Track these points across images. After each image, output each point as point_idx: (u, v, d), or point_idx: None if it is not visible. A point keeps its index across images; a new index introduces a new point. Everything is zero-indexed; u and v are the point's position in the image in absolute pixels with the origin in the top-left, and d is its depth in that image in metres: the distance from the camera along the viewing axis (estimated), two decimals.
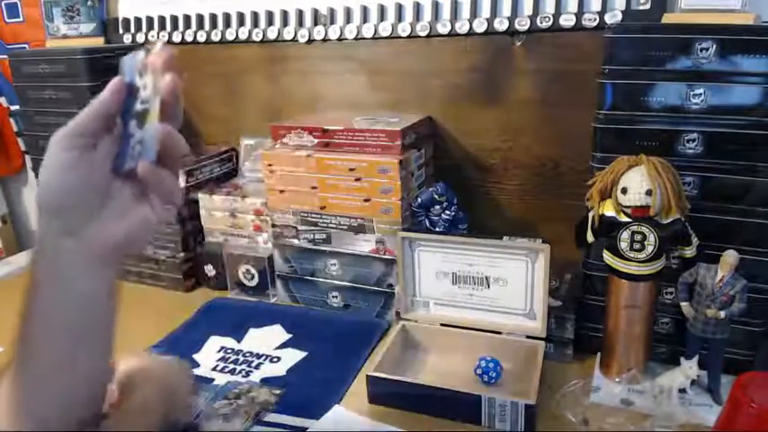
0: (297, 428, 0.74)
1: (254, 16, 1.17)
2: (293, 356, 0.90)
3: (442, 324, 0.90)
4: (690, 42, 0.72)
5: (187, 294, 1.15)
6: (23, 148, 1.52)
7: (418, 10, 1.04)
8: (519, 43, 0.99)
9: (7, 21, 1.41)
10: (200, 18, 1.22)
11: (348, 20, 1.09)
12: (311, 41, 1.14)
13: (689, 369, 0.74)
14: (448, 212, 0.85)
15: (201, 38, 1.22)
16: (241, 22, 1.18)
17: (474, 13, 1.00)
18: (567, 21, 0.94)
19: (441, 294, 0.90)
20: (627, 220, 0.73)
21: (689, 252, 0.76)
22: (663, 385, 0.75)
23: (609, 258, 0.77)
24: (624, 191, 0.72)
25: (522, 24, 0.97)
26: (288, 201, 1.01)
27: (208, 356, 0.91)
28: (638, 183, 0.71)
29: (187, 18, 1.23)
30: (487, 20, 0.99)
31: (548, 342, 0.84)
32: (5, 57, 1.32)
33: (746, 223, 0.75)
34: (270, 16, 1.16)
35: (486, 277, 0.86)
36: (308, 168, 0.97)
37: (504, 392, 0.76)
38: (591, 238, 0.79)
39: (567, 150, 1.01)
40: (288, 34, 1.14)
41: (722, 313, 0.71)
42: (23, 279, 0.46)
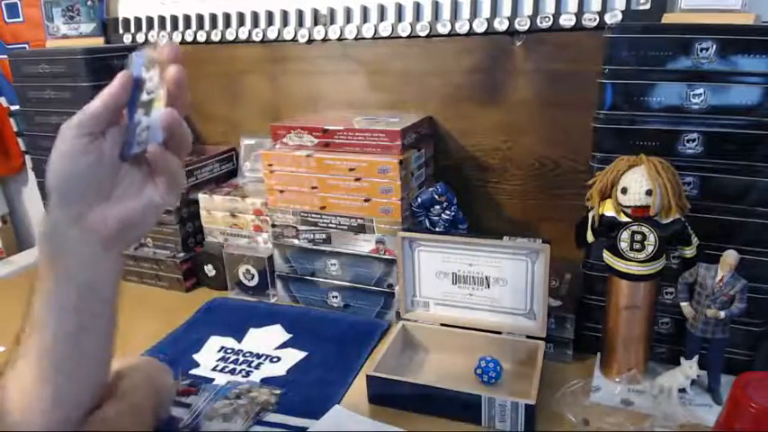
0: (297, 428, 0.74)
1: (254, 16, 1.17)
2: (293, 356, 0.90)
3: (442, 324, 0.90)
4: (690, 42, 0.72)
5: (187, 294, 1.15)
6: (23, 148, 1.52)
7: (418, 10, 1.04)
8: (519, 43, 0.99)
9: (7, 21, 1.41)
10: (200, 18, 1.22)
11: (348, 20, 1.09)
12: (311, 41, 1.14)
13: (689, 369, 0.74)
14: (448, 212, 0.85)
15: (201, 38, 1.22)
16: (241, 22, 1.18)
17: (474, 13, 1.00)
18: (567, 21, 0.94)
19: (441, 294, 0.90)
20: (627, 220, 0.73)
21: (689, 252, 0.76)
22: (663, 385, 0.75)
23: (609, 258, 0.77)
24: (624, 191, 0.72)
25: (522, 24, 0.97)
26: (288, 201, 1.01)
27: (208, 356, 0.91)
28: (638, 183, 0.71)
29: (187, 18, 1.23)
30: (487, 20, 0.99)
31: (548, 342, 0.84)
32: (5, 57, 1.32)
33: (746, 223, 0.75)
34: (270, 16, 1.16)
35: (486, 277, 0.86)
36: (308, 168, 0.97)
37: (504, 392, 0.76)
38: (591, 238, 0.79)
39: (567, 150, 1.01)
40: (288, 34, 1.14)
41: (722, 313, 0.71)
42: (24, 278, 0.47)
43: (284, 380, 0.85)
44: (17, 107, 1.38)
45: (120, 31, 1.29)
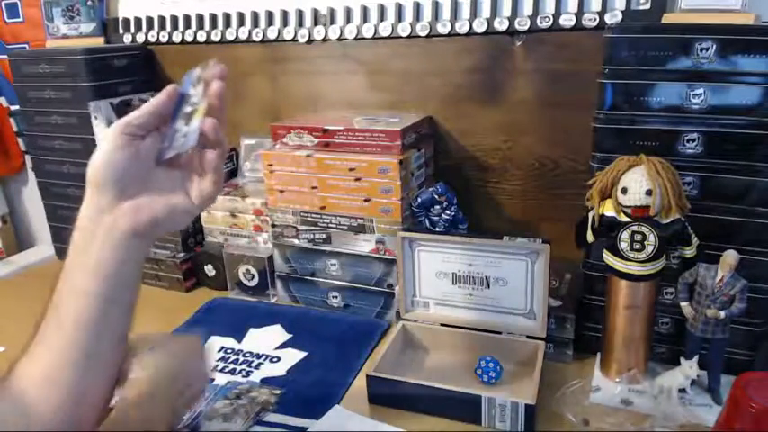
0: (297, 428, 0.74)
1: (254, 16, 1.17)
2: (293, 356, 0.90)
3: (442, 324, 0.90)
4: (690, 42, 0.72)
5: (187, 294, 1.15)
6: (23, 148, 1.52)
7: (418, 10, 1.04)
8: (519, 43, 0.99)
9: (7, 21, 1.41)
10: (200, 18, 1.22)
11: (348, 20, 1.09)
12: (311, 41, 1.14)
13: (689, 369, 0.74)
14: (448, 212, 0.85)
15: (201, 38, 1.22)
16: (241, 22, 1.18)
17: (474, 13, 1.00)
18: (567, 21, 0.94)
19: (441, 294, 0.90)
20: (627, 220, 0.73)
21: (689, 252, 0.76)
22: (663, 385, 0.75)
23: (609, 258, 0.77)
24: (624, 191, 0.72)
25: (522, 24, 0.97)
26: (288, 201, 1.01)
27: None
28: (638, 183, 0.71)
29: (187, 18, 1.23)
30: (487, 20, 0.99)
31: (548, 342, 0.84)
32: (5, 57, 1.32)
33: (746, 223, 0.75)
34: (270, 16, 1.16)
35: (486, 277, 0.86)
36: (308, 168, 0.97)
37: (504, 392, 0.76)
38: (591, 238, 0.79)
39: (567, 150, 1.01)
40: (288, 34, 1.14)
41: (722, 313, 0.71)
42: (24, 278, 0.47)
43: (284, 380, 0.85)
44: (17, 107, 1.38)
45: (120, 31, 1.29)
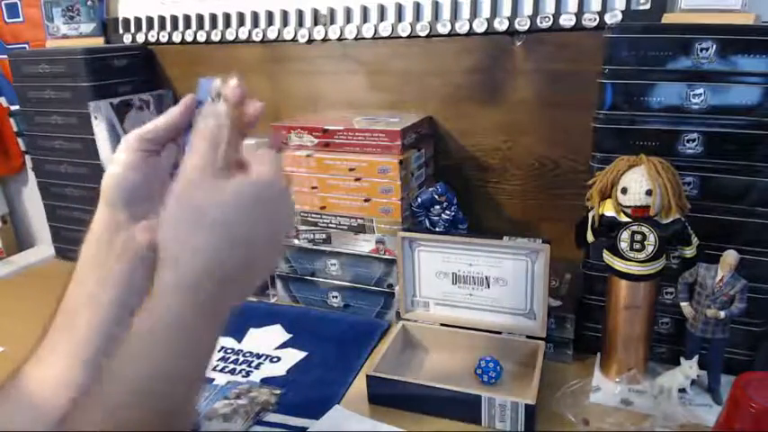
0: (297, 428, 0.74)
1: (254, 16, 1.17)
2: (293, 356, 0.90)
3: (442, 324, 0.90)
4: (690, 42, 0.72)
5: None
6: (23, 148, 1.52)
7: (418, 10, 1.04)
8: (519, 43, 0.99)
9: (7, 21, 1.41)
10: (200, 18, 1.22)
11: (348, 20, 1.09)
12: (311, 41, 1.14)
13: (689, 369, 0.74)
14: (448, 212, 0.85)
15: (201, 38, 1.22)
16: (241, 22, 1.18)
17: (474, 13, 1.00)
18: (567, 21, 0.94)
19: (441, 294, 0.90)
20: (627, 220, 0.73)
21: (689, 252, 0.76)
22: (663, 385, 0.75)
23: (609, 258, 0.77)
24: (624, 191, 0.72)
25: (522, 24, 0.97)
26: None
27: None
28: (638, 183, 0.71)
29: (187, 18, 1.23)
30: (487, 20, 0.99)
31: (548, 342, 0.84)
32: (5, 57, 1.32)
33: (746, 223, 0.75)
34: (270, 16, 1.16)
35: (486, 277, 0.86)
36: (308, 168, 0.97)
37: (504, 392, 0.76)
38: (591, 238, 0.79)
39: (567, 150, 1.01)
40: (288, 34, 1.14)
41: (722, 313, 0.71)
42: (24, 278, 0.47)
43: (284, 380, 0.85)
44: (17, 107, 1.38)
45: (120, 31, 1.29)
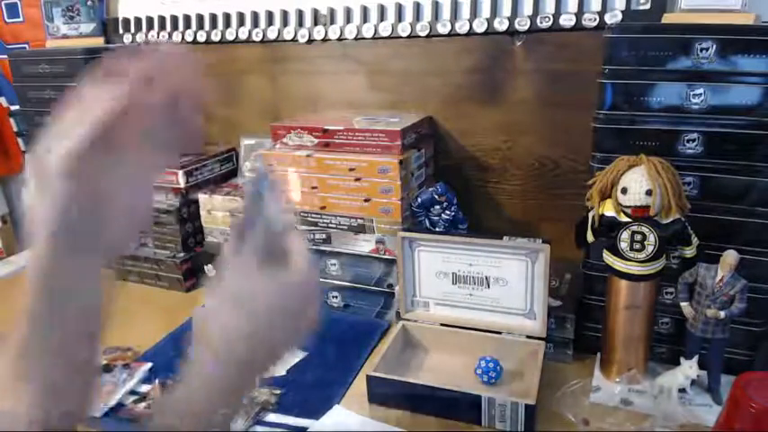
0: (297, 428, 0.74)
1: (254, 16, 1.17)
2: (293, 356, 0.90)
3: (442, 324, 0.90)
4: (690, 42, 0.72)
5: (187, 294, 1.15)
6: (23, 148, 1.52)
7: (418, 10, 1.04)
8: (519, 43, 0.99)
9: (7, 21, 1.41)
10: (200, 18, 1.22)
11: (348, 20, 1.09)
12: (311, 41, 1.14)
13: (689, 369, 0.74)
14: (448, 212, 0.85)
15: (201, 38, 1.22)
16: (241, 22, 1.18)
17: (474, 13, 1.00)
18: (567, 21, 0.94)
19: (441, 294, 0.90)
20: (627, 220, 0.73)
21: (689, 252, 0.76)
22: (663, 385, 0.75)
23: (609, 258, 0.77)
24: (624, 191, 0.72)
25: (522, 24, 0.97)
26: (288, 201, 1.01)
27: None
28: (638, 183, 0.71)
29: (187, 18, 1.23)
30: (487, 20, 0.99)
31: (548, 342, 0.84)
32: (5, 57, 1.32)
33: (746, 223, 0.75)
34: (270, 16, 1.16)
35: (486, 277, 0.86)
36: (308, 168, 0.97)
37: (504, 392, 0.76)
38: (591, 238, 0.79)
39: (567, 150, 1.01)
40: (288, 34, 1.14)
41: (722, 313, 0.71)
42: (24, 278, 0.46)
43: (284, 380, 0.84)
44: (17, 107, 1.38)
45: (120, 31, 1.29)
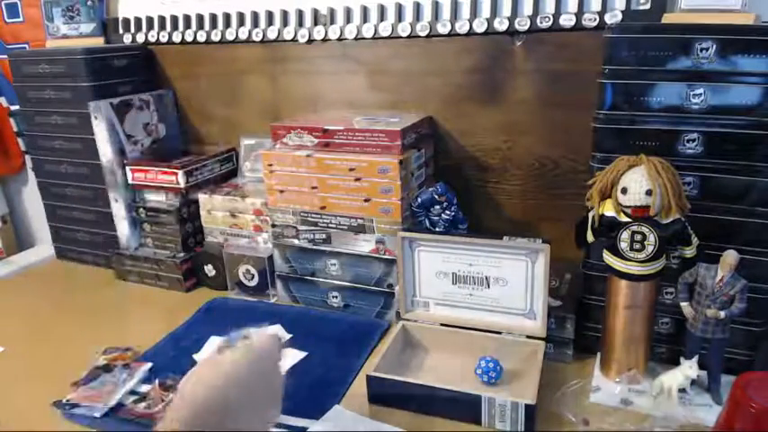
0: (297, 428, 0.74)
1: (254, 16, 1.17)
2: (293, 356, 0.90)
3: (442, 324, 0.90)
4: (690, 42, 0.72)
5: (187, 294, 1.15)
6: (23, 148, 1.52)
7: (418, 10, 1.04)
8: (519, 43, 0.99)
9: (7, 21, 1.41)
10: (200, 18, 1.22)
11: (348, 20, 1.09)
12: (311, 41, 1.14)
13: (689, 369, 0.74)
14: (448, 212, 0.85)
15: (201, 38, 1.22)
16: (241, 22, 1.18)
17: (474, 13, 1.00)
18: (567, 21, 0.94)
19: (441, 294, 0.90)
20: (627, 220, 0.73)
21: (689, 252, 0.76)
22: (663, 385, 0.75)
23: (609, 258, 0.77)
24: (624, 191, 0.72)
25: (522, 24, 0.97)
26: (288, 201, 1.01)
27: None
28: (638, 183, 0.71)
29: (187, 18, 1.23)
30: (487, 20, 0.99)
31: (548, 342, 0.84)
32: (5, 57, 1.32)
33: (746, 223, 0.75)
34: (270, 16, 1.16)
35: (486, 277, 0.86)
36: (308, 168, 0.97)
37: (504, 392, 0.76)
38: (591, 238, 0.79)
39: (567, 150, 1.01)
40: (288, 34, 1.14)
41: (722, 313, 0.71)
42: (24, 278, 0.45)
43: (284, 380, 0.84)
44: (17, 107, 1.38)
45: (120, 31, 1.29)
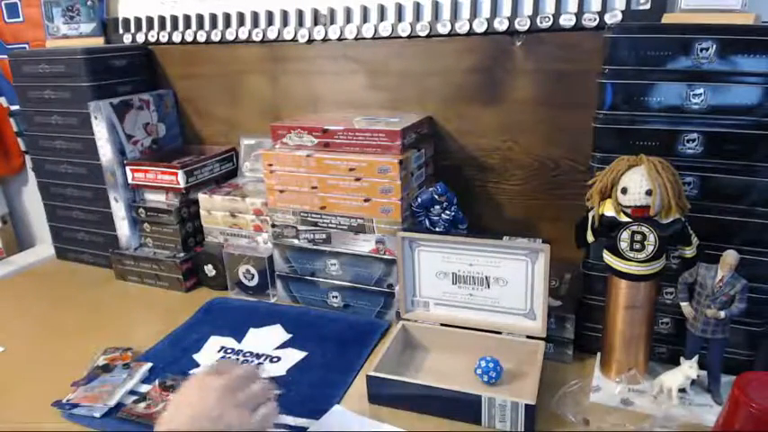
0: (297, 428, 0.74)
1: (254, 16, 1.17)
2: (293, 356, 0.90)
3: (442, 324, 0.90)
4: (690, 42, 0.72)
5: (187, 294, 1.15)
6: (23, 148, 1.52)
7: (418, 10, 1.04)
8: (519, 43, 0.99)
9: (7, 21, 1.41)
10: (200, 18, 1.22)
11: (348, 20, 1.09)
12: (311, 41, 1.14)
13: (689, 369, 0.74)
14: (448, 212, 0.85)
15: (201, 38, 1.22)
16: (241, 22, 1.18)
17: (474, 13, 1.00)
18: (567, 21, 0.94)
19: (441, 294, 0.90)
20: (627, 220, 0.73)
21: (689, 252, 0.76)
22: (663, 385, 0.75)
23: (609, 258, 0.77)
24: (624, 191, 0.72)
25: (522, 24, 0.97)
26: (288, 201, 1.01)
27: (208, 356, 0.91)
28: (638, 183, 0.71)
29: (187, 18, 1.23)
30: (487, 20, 0.99)
31: (548, 342, 0.84)
32: (5, 57, 1.32)
33: (746, 223, 0.75)
34: (270, 16, 1.16)
35: (487, 277, 0.86)
36: (308, 168, 0.97)
37: (504, 392, 0.76)
38: (591, 238, 0.79)
39: (567, 150, 1.01)
40: (288, 34, 1.14)
41: (722, 313, 0.71)
42: (24, 278, 0.46)
43: (284, 380, 0.85)
44: (17, 107, 1.38)
45: (120, 31, 1.29)
